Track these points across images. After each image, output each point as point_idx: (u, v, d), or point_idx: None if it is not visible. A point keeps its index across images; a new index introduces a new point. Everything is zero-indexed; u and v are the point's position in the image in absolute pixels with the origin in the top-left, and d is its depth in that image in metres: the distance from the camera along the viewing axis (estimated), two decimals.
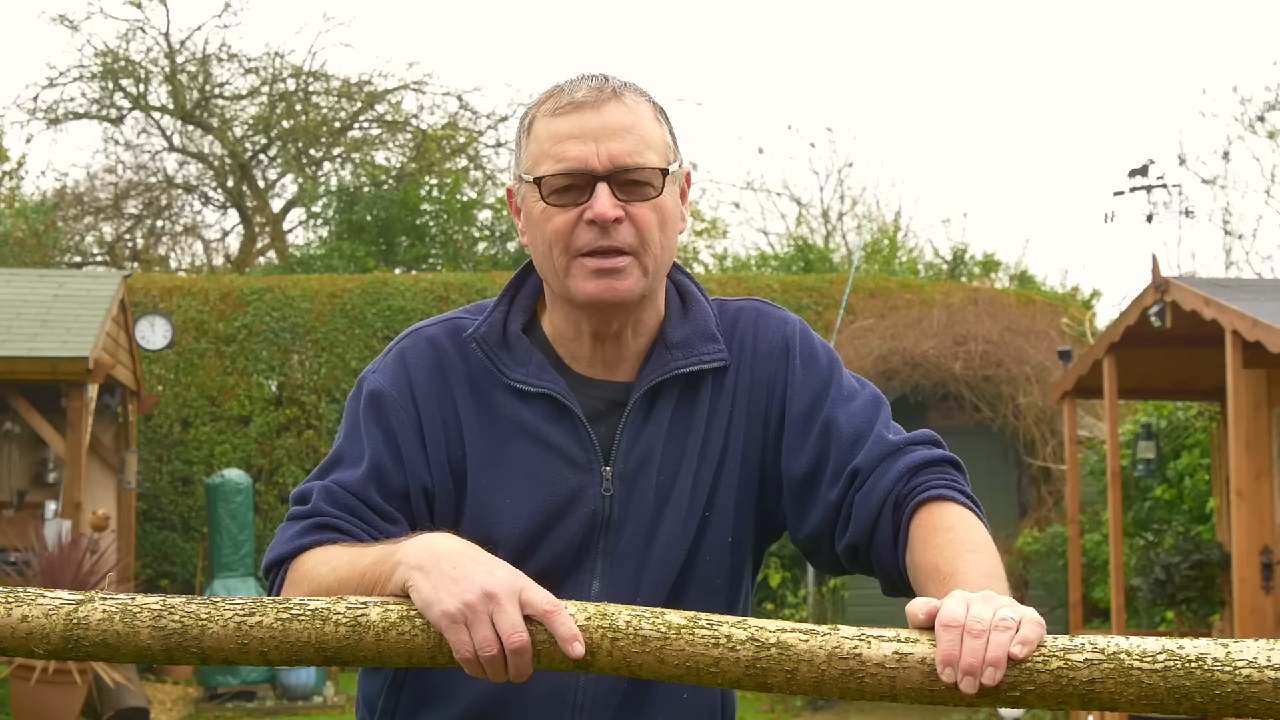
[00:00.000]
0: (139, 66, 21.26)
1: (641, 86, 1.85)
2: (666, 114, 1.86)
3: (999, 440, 13.62)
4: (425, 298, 14.66)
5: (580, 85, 1.80)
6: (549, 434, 1.81)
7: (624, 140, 1.77)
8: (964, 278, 19.27)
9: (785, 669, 1.44)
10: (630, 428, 1.83)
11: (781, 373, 1.89)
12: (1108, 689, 1.37)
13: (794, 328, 1.92)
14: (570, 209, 1.77)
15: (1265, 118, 17.14)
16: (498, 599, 1.49)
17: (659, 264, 1.81)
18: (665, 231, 1.81)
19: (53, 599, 1.54)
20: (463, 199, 20.06)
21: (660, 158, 1.80)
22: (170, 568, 13.80)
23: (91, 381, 10.73)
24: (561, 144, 1.77)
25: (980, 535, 1.70)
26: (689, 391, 1.86)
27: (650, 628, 1.47)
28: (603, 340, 1.85)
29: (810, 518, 1.84)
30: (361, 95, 21.79)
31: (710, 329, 1.88)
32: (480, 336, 1.84)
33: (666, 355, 1.85)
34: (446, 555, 1.56)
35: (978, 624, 1.40)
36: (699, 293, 1.92)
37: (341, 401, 14.19)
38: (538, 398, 1.82)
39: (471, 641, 1.49)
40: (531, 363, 1.83)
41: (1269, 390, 7.88)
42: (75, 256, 21.00)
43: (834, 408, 1.85)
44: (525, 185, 1.81)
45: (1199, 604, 9.47)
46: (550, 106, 1.80)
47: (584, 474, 1.81)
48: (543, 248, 1.81)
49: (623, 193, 1.77)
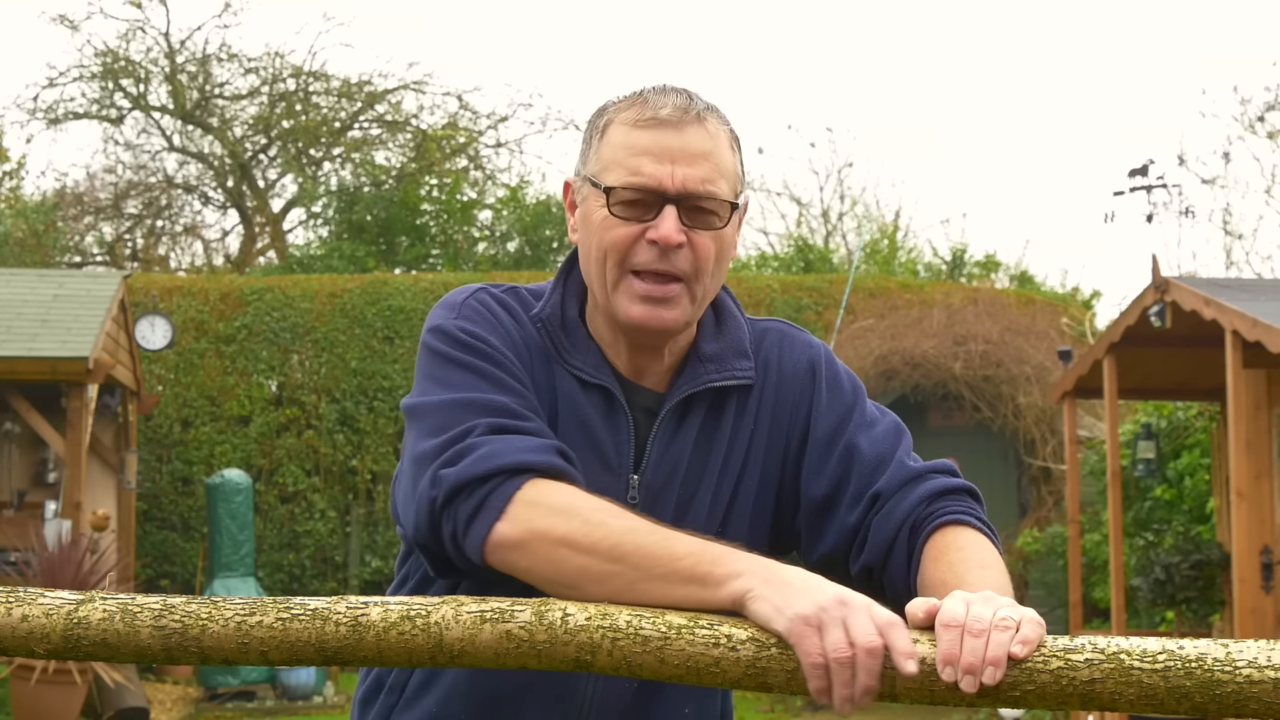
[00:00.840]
0: (139, 66, 21.27)
1: (723, 112, 1.82)
2: (740, 144, 1.84)
3: (999, 440, 13.63)
4: (425, 298, 14.65)
5: (665, 101, 1.77)
6: (596, 425, 1.80)
7: (700, 167, 1.75)
8: (964, 278, 19.28)
9: (785, 669, 1.44)
10: (661, 438, 1.82)
11: (806, 395, 1.88)
12: (1108, 689, 1.37)
13: (819, 351, 1.92)
14: (634, 224, 1.75)
15: (1265, 118, 17.14)
16: (851, 605, 1.46)
17: (707, 293, 1.80)
18: (720, 263, 1.80)
19: (53, 599, 1.54)
20: (463, 199, 20.06)
21: (730, 189, 1.79)
22: (170, 568, 13.80)
23: (91, 381, 10.73)
24: (638, 157, 1.74)
25: (991, 555, 1.70)
26: (715, 407, 1.85)
27: (651, 628, 1.47)
28: (640, 351, 1.83)
29: (827, 539, 1.84)
30: (361, 95, 21.80)
31: (744, 345, 1.88)
32: (545, 317, 1.82)
33: (700, 368, 1.84)
34: (789, 572, 1.52)
35: (978, 623, 1.41)
36: (735, 308, 1.92)
37: (341, 402, 14.20)
38: (595, 389, 1.81)
39: (822, 645, 1.44)
40: (590, 353, 1.82)
41: (1269, 390, 7.88)
42: (75, 256, 21.00)
43: (856, 432, 1.85)
44: (590, 186, 1.79)
45: (1199, 604, 9.47)
46: (632, 115, 1.77)
47: (613, 477, 1.80)
48: (596, 254, 1.78)
49: (689, 218, 1.75)
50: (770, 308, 14.72)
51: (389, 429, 14.18)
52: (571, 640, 1.49)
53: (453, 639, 1.51)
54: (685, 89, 1.81)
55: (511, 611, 1.50)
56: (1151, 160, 14.84)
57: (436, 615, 1.52)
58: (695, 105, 1.79)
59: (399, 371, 14.31)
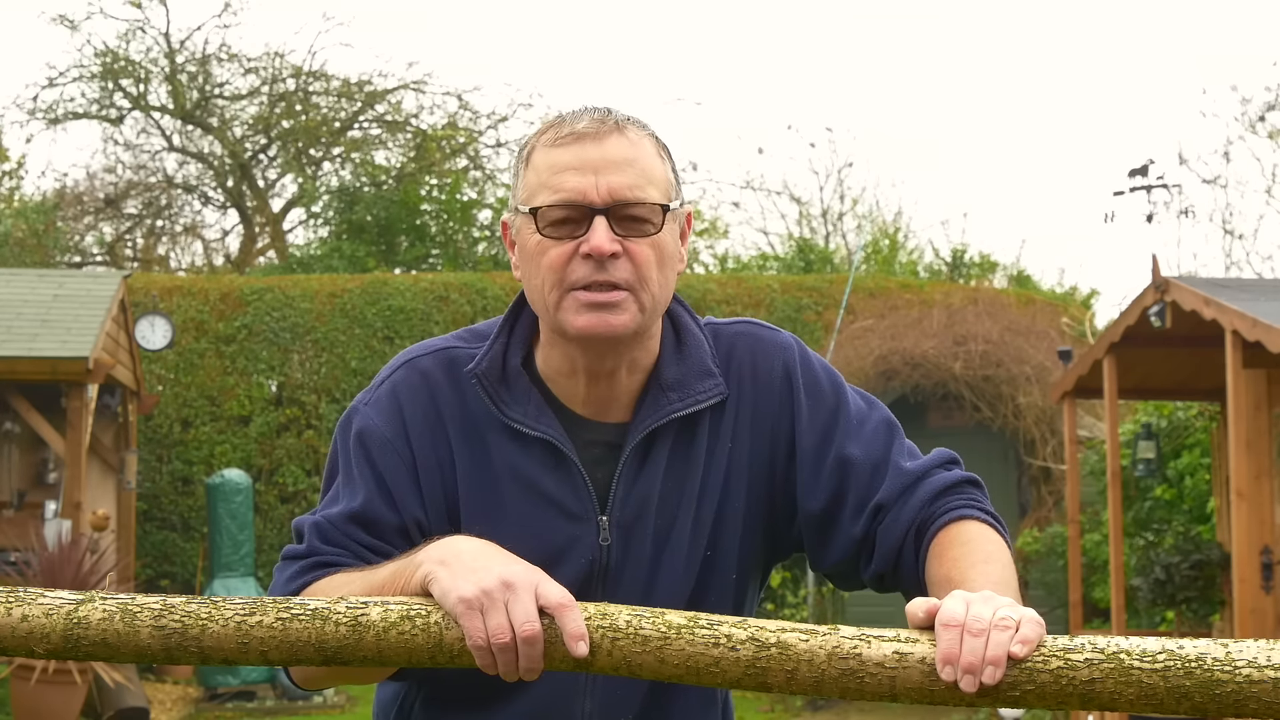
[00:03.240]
0: (139, 66, 21.27)
1: (645, 122, 1.80)
2: (670, 151, 1.81)
3: (999, 440, 13.62)
4: (425, 298, 14.66)
5: (582, 116, 1.75)
6: (544, 483, 1.77)
7: (624, 174, 1.72)
8: (962, 278, 19.27)
9: (785, 669, 1.44)
10: (626, 475, 1.78)
11: (787, 405, 1.84)
12: (1108, 689, 1.37)
13: (793, 353, 1.87)
14: (566, 242, 1.71)
15: (1266, 117, 17.14)
16: (515, 588, 1.49)
17: (656, 302, 1.75)
18: (663, 269, 1.75)
19: (53, 599, 1.54)
20: (463, 199, 20.06)
21: (661, 194, 1.75)
22: (170, 568, 13.80)
23: (91, 381, 10.73)
24: (560, 175, 1.72)
25: (994, 547, 1.70)
26: (686, 430, 1.81)
27: (650, 628, 1.47)
28: (597, 379, 1.79)
29: (833, 551, 1.82)
30: (361, 95, 21.80)
31: (706, 364, 1.82)
32: (481, 372, 1.78)
33: (662, 397, 1.79)
34: (468, 551, 1.56)
35: (978, 623, 1.41)
36: (694, 324, 1.86)
37: (341, 402, 14.19)
38: (535, 441, 1.77)
39: (485, 628, 1.48)
40: (530, 402, 1.78)
41: (1269, 390, 7.88)
42: (75, 256, 21.00)
43: (845, 440, 1.82)
44: (521, 216, 1.76)
45: (1199, 604, 9.48)
46: (550, 137, 1.75)
47: (580, 525, 1.77)
48: (536, 281, 1.75)
49: (621, 228, 1.71)
50: (770, 308, 14.72)
51: None
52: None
53: (452, 639, 1.52)
54: (605, 106, 1.79)
55: None
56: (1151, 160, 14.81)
57: (436, 615, 1.52)
58: (613, 116, 1.76)
59: None
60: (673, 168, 1.81)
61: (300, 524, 1.79)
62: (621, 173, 1.72)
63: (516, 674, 1.50)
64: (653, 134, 1.79)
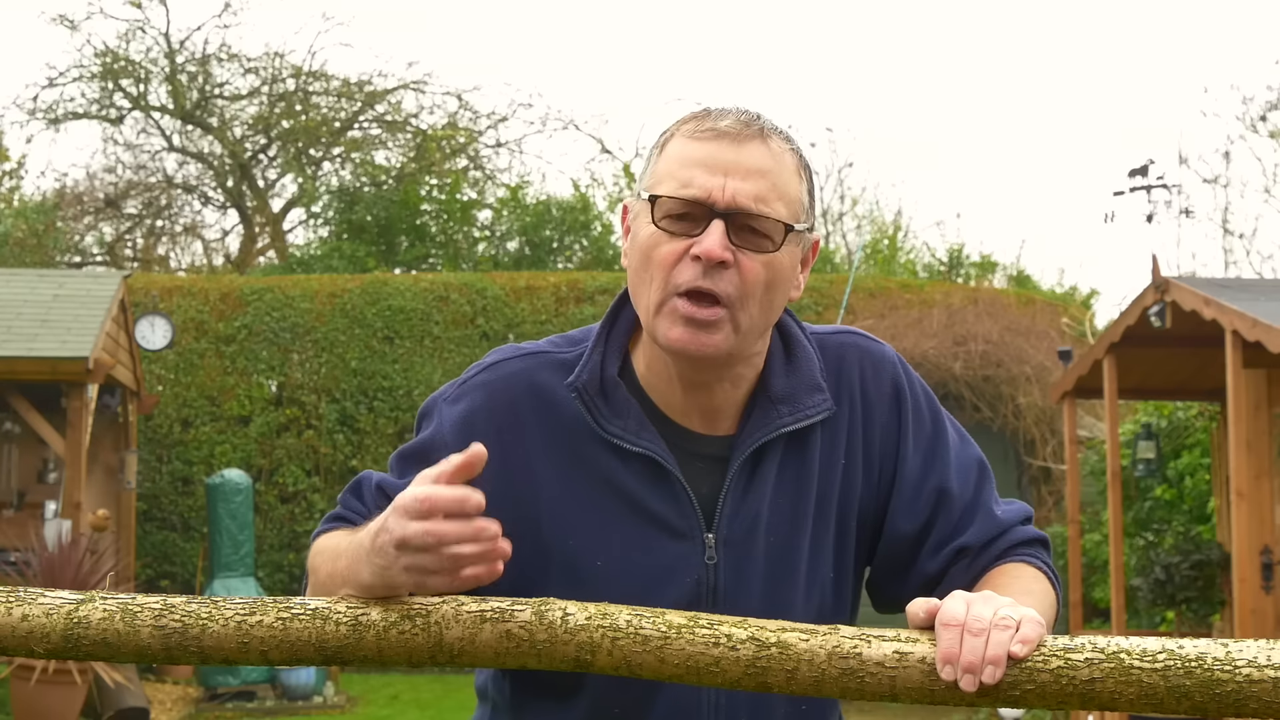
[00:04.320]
0: (139, 66, 21.27)
1: (793, 136, 1.72)
2: (811, 172, 1.73)
3: (999, 440, 13.63)
4: (425, 298, 14.65)
5: (728, 114, 1.68)
6: (646, 498, 1.69)
7: (755, 183, 1.63)
8: (960, 278, 19.28)
9: (785, 668, 1.44)
10: (734, 490, 1.71)
11: (894, 425, 1.78)
12: (1108, 688, 1.37)
13: (900, 369, 1.81)
14: (679, 240, 1.64)
15: (1267, 117, 17.14)
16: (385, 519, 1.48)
17: (754, 324, 1.66)
18: (771, 291, 1.66)
19: (53, 598, 1.54)
20: (463, 199, 20.06)
21: (789, 213, 1.66)
22: (170, 568, 13.80)
23: (91, 381, 10.73)
24: (689, 169, 1.64)
25: (1041, 587, 1.67)
26: (796, 445, 1.74)
27: (651, 627, 1.47)
28: (695, 388, 1.71)
29: (905, 584, 1.76)
30: (361, 95, 21.80)
31: (816, 379, 1.75)
32: (583, 385, 1.70)
33: (771, 410, 1.72)
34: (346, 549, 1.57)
35: (978, 622, 1.40)
36: (804, 336, 1.78)
37: (341, 402, 14.20)
38: (635, 457, 1.69)
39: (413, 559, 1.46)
40: (630, 415, 1.70)
41: (1269, 390, 7.88)
42: (75, 256, 21.00)
43: (946, 471, 1.77)
44: (640, 202, 1.69)
45: (1199, 604, 9.47)
46: (691, 128, 1.68)
47: (685, 542, 1.69)
48: (643, 274, 1.67)
49: (738, 237, 1.63)
50: None
51: (389, 429, 14.18)
52: (571, 640, 1.48)
53: (453, 638, 1.51)
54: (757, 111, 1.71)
55: (511, 611, 1.49)
56: (1151, 160, 14.84)
57: (437, 615, 1.52)
58: (761, 122, 1.68)
59: (399, 371, 14.31)
60: (810, 189, 1.72)
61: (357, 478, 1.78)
62: (753, 181, 1.64)
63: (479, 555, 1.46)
64: (797, 150, 1.71)
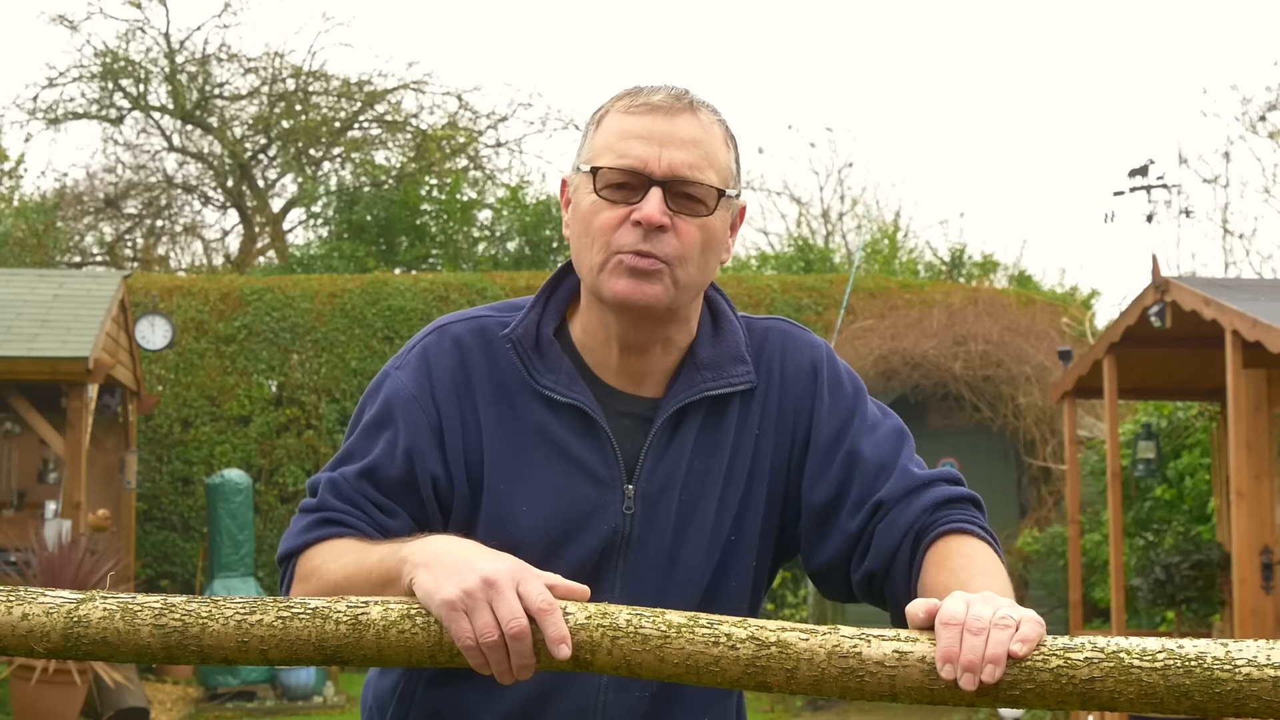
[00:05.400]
0: (139, 66, 21.26)
1: (719, 109, 1.84)
2: (737, 143, 1.85)
3: (999, 440, 13.62)
4: (425, 298, 14.65)
5: (659, 90, 1.80)
6: (574, 446, 1.80)
7: (688, 152, 1.76)
8: (963, 278, 19.27)
9: (785, 668, 1.44)
10: (656, 447, 1.82)
11: (809, 398, 1.88)
12: (1108, 688, 1.37)
13: (821, 352, 1.92)
14: (620, 206, 1.76)
15: (1266, 117, 17.13)
16: (498, 586, 1.50)
17: (692, 282, 1.79)
18: (706, 253, 1.79)
19: (53, 598, 1.54)
20: (463, 199, 20.06)
21: (720, 179, 1.79)
22: (170, 568, 13.80)
23: (91, 381, 10.73)
24: (627, 140, 1.76)
25: (993, 564, 1.71)
26: (715, 412, 1.85)
27: (650, 626, 1.47)
28: (629, 351, 1.83)
29: (828, 546, 1.84)
30: (361, 95, 21.79)
31: (740, 351, 1.87)
32: (516, 338, 1.82)
33: (696, 375, 1.84)
34: (448, 550, 1.57)
35: (977, 622, 1.41)
36: (731, 312, 1.91)
37: (341, 402, 14.20)
38: (566, 408, 1.80)
39: (472, 629, 1.49)
40: (562, 370, 1.82)
41: (1269, 390, 7.87)
42: (75, 256, 20.99)
43: (858, 437, 1.85)
44: (580, 175, 1.80)
45: (1199, 604, 9.47)
46: (626, 104, 1.80)
47: (606, 491, 1.80)
48: (585, 239, 1.79)
49: (674, 203, 1.75)
50: (770, 308, 14.71)
51: None
52: (571, 639, 1.49)
53: (453, 638, 1.51)
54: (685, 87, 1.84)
55: None
56: (1151, 160, 14.83)
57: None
58: (690, 96, 1.82)
59: None
60: (736, 159, 1.84)
61: (316, 480, 1.82)
62: (686, 151, 1.76)
63: (511, 674, 1.51)
64: (724, 122, 1.84)
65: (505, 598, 1.49)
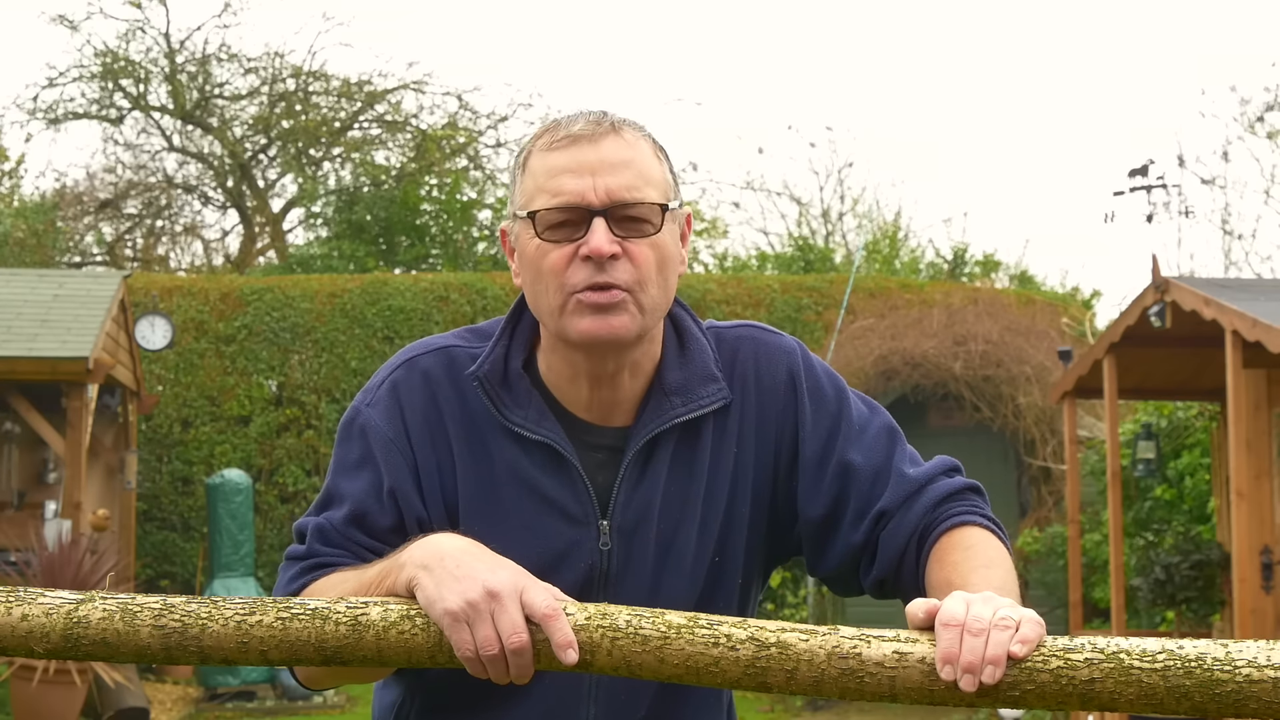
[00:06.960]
0: (139, 66, 21.26)
1: (641, 123, 1.79)
2: (666, 152, 1.80)
3: (999, 440, 13.62)
4: (425, 298, 14.65)
5: (577, 119, 1.75)
6: (545, 485, 1.76)
7: (621, 175, 1.71)
8: (964, 278, 19.27)
9: (785, 668, 1.44)
10: (628, 480, 1.77)
11: (790, 410, 1.83)
12: (1108, 688, 1.37)
13: (796, 357, 1.86)
14: (565, 245, 1.70)
15: (1265, 118, 17.14)
16: (500, 597, 1.49)
17: (655, 304, 1.73)
18: (663, 271, 1.74)
19: (53, 598, 1.54)
20: (463, 199, 20.06)
21: (659, 194, 1.74)
22: (170, 568, 13.80)
23: (91, 381, 10.73)
24: (557, 178, 1.71)
25: (996, 553, 1.70)
26: (689, 436, 1.80)
27: (650, 627, 1.47)
28: (599, 383, 1.78)
29: (832, 557, 1.82)
30: (361, 95, 21.79)
31: (710, 369, 1.81)
32: (483, 375, 1.77)
33: (665, 402, 1.78)
34: (450, 554, 1.55)
35: (977, 623, 1.41)
36: (696, 328, 1.84)
37: (341, 402, 14.20)
38: (536, 445, 1.76)
39: (473, 640, 1.48)
40: (531, 405, 1.77)
41: (1269, 390, 7.88)
42: (75, 256, 21.00)
43: (847, 446, 1.81)
44: (520, 222, 1.75)
45: (1199, 604, 9.47)
46: (546, 141, 1.74)
47: (580, 528, 1.76)
48: (537, 286, 1.73)
49: (620, 229, 1.70)
50: (770, 308, 14.72)
51: None
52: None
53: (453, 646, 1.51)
54: (600, 109, 1.78)
55: None
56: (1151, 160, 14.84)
57: None
58: (609, 118, 1.75)
59: None
60: (670, 168, 1.79)
61: (303, 526, 1.80)
62: (618, 174, 1.71)
63: (507, 679, 1.51)
64: (649, 135, 1.78)
65: (507, 610, 1.48)
